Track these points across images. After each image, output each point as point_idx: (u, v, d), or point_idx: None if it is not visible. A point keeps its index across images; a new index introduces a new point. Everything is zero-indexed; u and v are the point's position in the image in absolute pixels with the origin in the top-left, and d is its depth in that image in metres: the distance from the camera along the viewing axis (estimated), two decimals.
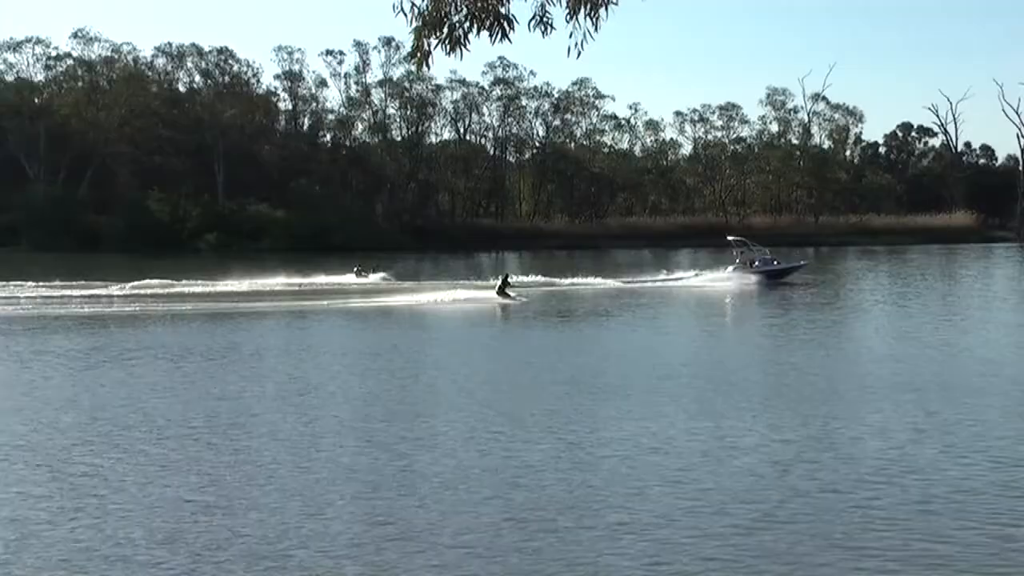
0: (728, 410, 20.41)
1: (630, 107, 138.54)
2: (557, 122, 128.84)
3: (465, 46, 9.08)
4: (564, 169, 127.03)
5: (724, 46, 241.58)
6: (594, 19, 8.87)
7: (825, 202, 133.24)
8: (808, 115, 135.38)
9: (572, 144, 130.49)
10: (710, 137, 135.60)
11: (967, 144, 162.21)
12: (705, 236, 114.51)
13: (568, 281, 56.93)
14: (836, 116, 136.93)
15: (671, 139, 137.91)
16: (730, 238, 64.17)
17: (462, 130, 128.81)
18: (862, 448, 17.26)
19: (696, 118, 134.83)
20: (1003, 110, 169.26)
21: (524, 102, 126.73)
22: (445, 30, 9.07)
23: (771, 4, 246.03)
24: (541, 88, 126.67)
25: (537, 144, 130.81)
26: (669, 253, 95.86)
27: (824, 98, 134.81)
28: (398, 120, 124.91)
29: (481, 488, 15.20)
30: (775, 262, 59.77)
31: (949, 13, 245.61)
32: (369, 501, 14.71)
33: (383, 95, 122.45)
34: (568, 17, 8.92)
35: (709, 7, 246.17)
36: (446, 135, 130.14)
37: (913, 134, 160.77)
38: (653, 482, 15.36)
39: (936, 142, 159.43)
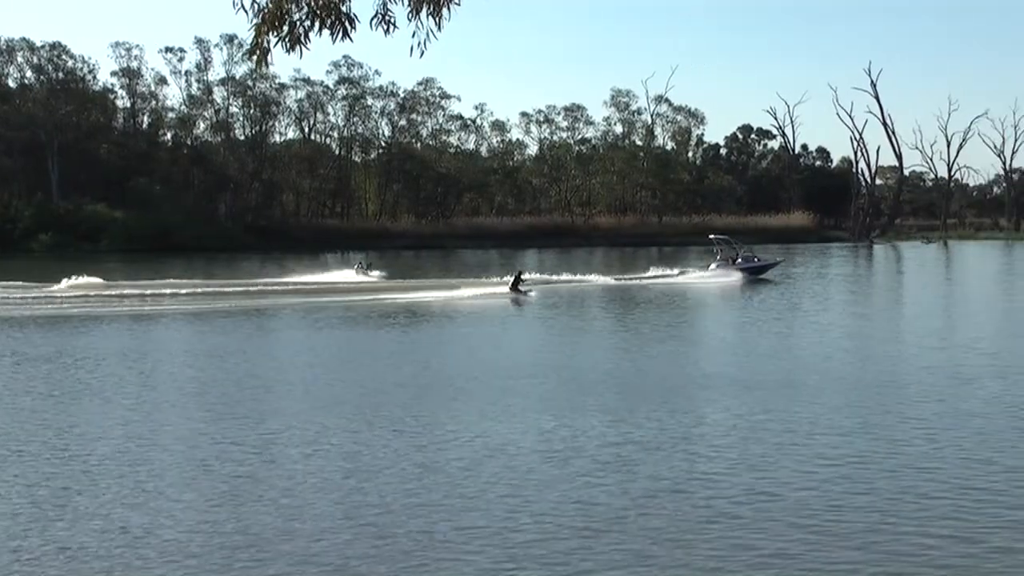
0: (579, 409, 20.48)
1: (476, 107, 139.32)
2: (403, 122, 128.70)
3: (306, 44, 8.88)
4: (410, 169, 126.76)
5: (569, 47, 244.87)
6: (436, 18, 8.74)
7: (668, 202, 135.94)
8: (651, 117, 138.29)
9: (418, 144, 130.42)
10: (555, 138, 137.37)
11: (804, 146, 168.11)
12: (551, 236, 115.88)
13: (572, 278, 59.31)
14: (678, 118, 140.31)
15: (517, 140, 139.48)
16: (712, 236, 66.97)
17: (307, 129, 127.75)
18: (706, 446, 17.49)
19: (542, 119, 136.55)
20: (837, 114, 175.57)
21: (370, 101, 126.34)
22: (285, 28, 8.85)
23: (615, 6, 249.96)
24: (387, 88, 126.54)
25: (383, 144, 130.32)
26: (516, 253, 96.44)
27: (667, 100, 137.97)
28: (241, 119, 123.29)
29: (328, 493, 14.91)
30: (755, 259, 62.46)
31: (786, 18, 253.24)
32: (215, 509, 14.28)
33: (225, 93, 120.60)
34: (410, 16, 8.77)
35: (553, 8, 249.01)
36: (290, 134, 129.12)
37: (753, 136, 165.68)
38: (500, 485, 15.28)
39: (775, 144, 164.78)
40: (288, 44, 8.85)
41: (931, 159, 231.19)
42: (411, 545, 12.79)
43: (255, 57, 9.00)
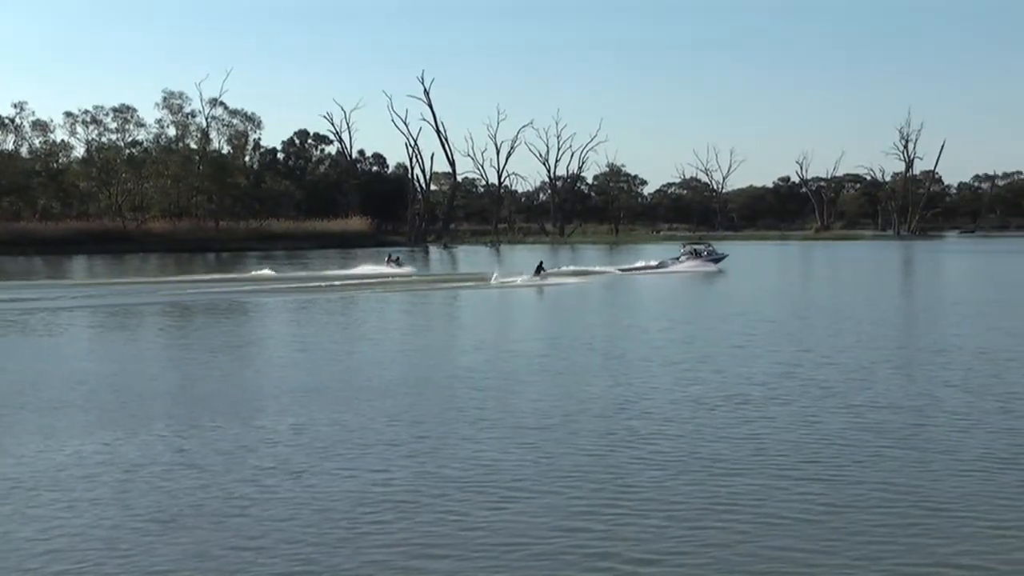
0: (142, 424, 19.04)
1: (15, 106, 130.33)
2: None
3: None
4: None
5: (118, 45, 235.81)
6: None
7: (225, 207, 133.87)
8: (206, 120, 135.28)
9: None
10: (104, 140, 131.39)
11: (361, 152, 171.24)
12: (102, 242, 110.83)
13: (586, 268, 68.72)
14: (234, 121, 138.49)
15: (62, 141, 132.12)
16: (684, 244, 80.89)
17: None
18: (261, 458, 16.65)
19: (88, 120, 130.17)
20: (392, 121, 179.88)
21: None
22: None
23: (167, 4, 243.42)
24: None
25: None
26: (64, 260, 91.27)
27: (222, 103, 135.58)
28: None
29: None
30: (716, 252, 75.01)
31: (340, 23, 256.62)
32: None
33: None
34: None
35: (101, 4, 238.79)
36: None
37: (310, 141, 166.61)
38: (56, 517, 13.77)
39: (332, 150, 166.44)
40: None
41: (483, 166, 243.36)
42: None
43: None
